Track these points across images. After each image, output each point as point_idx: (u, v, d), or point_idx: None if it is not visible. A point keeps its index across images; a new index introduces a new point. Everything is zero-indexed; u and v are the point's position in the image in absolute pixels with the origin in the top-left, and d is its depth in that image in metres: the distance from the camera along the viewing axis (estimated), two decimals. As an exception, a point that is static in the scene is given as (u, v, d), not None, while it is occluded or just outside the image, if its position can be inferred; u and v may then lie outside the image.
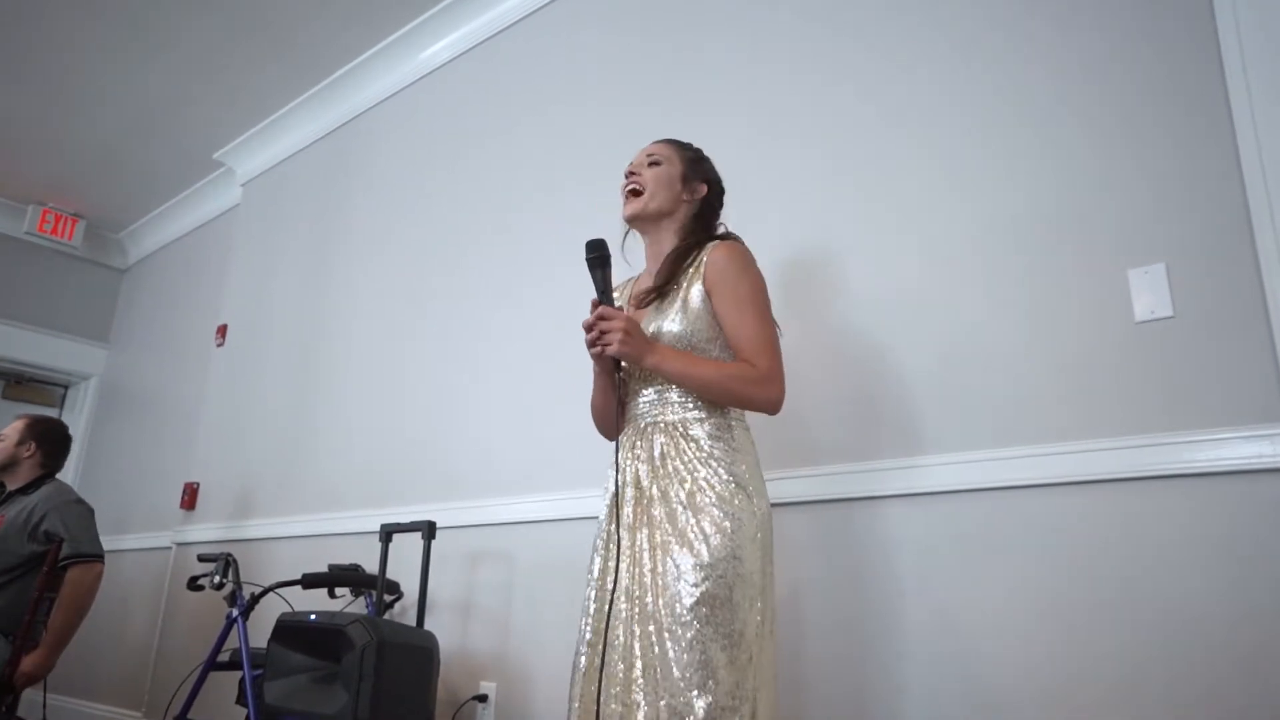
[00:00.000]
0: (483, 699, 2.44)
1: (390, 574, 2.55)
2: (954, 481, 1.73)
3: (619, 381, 1.55)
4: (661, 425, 1.50)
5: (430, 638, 2.21)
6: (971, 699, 1.62)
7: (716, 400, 1.49)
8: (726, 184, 1.74)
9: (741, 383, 1.47)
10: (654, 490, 1.46)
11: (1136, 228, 1.64)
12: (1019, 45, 1.87)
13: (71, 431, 3.28)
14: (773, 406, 1.51)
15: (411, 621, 2.47)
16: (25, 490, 2.97)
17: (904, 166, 1.99)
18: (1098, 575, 1.54)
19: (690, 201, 1.66)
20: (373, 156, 3.72)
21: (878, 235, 2.00)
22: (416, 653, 2.12)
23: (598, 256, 1.50)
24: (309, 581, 2.50)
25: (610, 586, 1.44)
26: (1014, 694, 1.58)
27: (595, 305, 1.49)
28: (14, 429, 3.07)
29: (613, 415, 1.59)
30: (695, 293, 1.53)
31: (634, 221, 1.66)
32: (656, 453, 1.48)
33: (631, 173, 1.66)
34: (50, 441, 3.10)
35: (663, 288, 1.56)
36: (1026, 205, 1.79)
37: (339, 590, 2.78)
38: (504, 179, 3.03)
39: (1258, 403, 1.44)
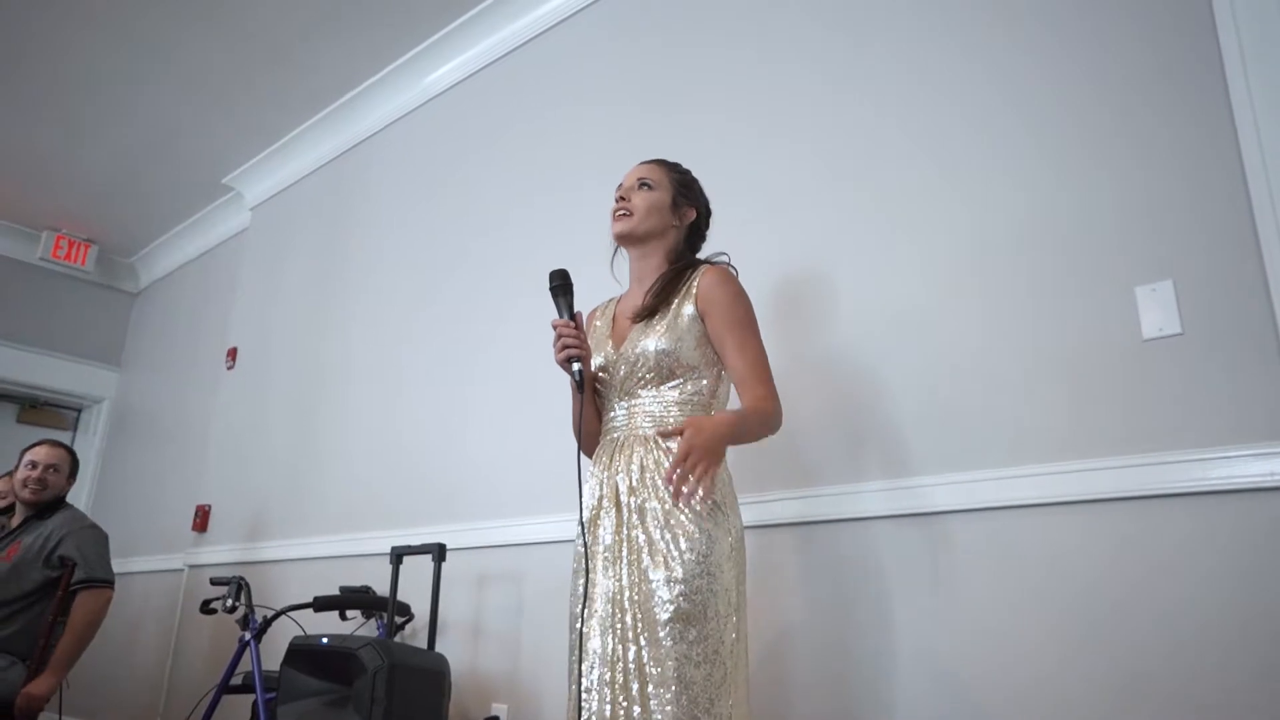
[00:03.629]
0: (494, 721, 2.44)
1: (401, 596, 2.56)
2: (960, 501, 1.72)
3: (587, 397, 1.61)
4: (639, 438, 1.54)
5: (441, 660, 2.21)
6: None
7: (750, 440, 1.52)
8: (723, 193, 1.77)
9: (765, 420, 1.52)
10: (632, 504, 1.49)
11: (1143, 244, 1.64)
12: (1023, 59, 1.88)
13: (84, 454, 3.35)
14: (778, 429, 1.55)
15: (422, 643, 2.47)
16: (41, 516, 2.97)
17: (904, 181, 2.00)
18: (1102, 594, 1.53)
19: (679, 226, 1.71)
20: (378, 180, 3.75)
21: (875, 250, 2.00)
22: (428, 675, 2.12)
23: (561, 285, 1.62)
24: (321, 604, 2.51)
25: (580, 606, 1.48)
26: (1014, 714, 1.57)
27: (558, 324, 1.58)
28: (61, 459, 3.04)
29: (584, 430, 1.64)
30: (685, 313, 1.57)
31: (623, 239, 1.70)
32: (635, 465, 1.51)
33: (622, 198, 1.69)
34: (78, 470, 3.21)
35: (654, 307, 1.60)
36: (1030, 221, 1.79)
37: (350, 612, 2.79)
38: (506, 202, 3.05)
39: (1266, 420, 1.44)
